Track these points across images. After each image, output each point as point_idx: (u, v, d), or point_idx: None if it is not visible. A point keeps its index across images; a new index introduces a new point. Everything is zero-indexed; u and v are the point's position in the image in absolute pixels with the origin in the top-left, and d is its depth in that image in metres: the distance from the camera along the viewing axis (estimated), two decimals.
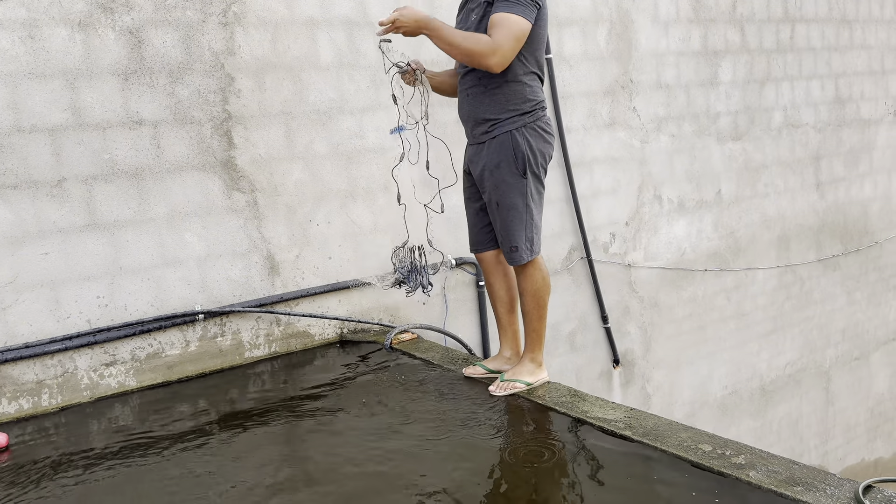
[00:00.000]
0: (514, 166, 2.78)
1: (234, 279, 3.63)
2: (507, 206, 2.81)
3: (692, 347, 5.60)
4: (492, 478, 2.31)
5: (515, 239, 2.83)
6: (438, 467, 2.39)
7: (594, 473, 2.29)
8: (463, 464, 2.40)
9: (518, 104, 2.78)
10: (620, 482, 2.21)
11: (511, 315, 3.13)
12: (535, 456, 2.42)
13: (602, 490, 2.19)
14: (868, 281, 6.99)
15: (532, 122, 2.81)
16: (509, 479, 2.31)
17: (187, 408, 3.14)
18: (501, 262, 3.05)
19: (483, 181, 2.88)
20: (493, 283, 3.11)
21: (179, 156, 3.46)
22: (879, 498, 1.95)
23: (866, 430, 7.11)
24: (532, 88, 2.81)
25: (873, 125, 6.82)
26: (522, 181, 2.80)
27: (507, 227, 2.83)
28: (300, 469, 2.45)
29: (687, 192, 5.49)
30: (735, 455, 2.22)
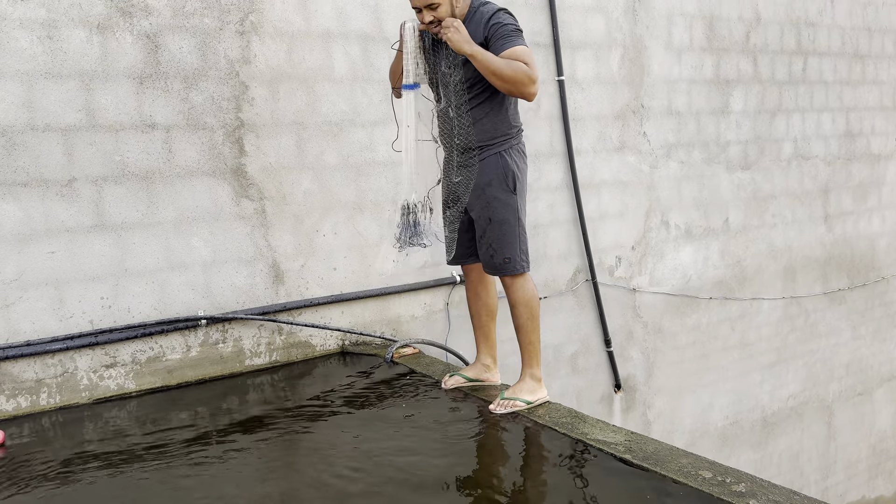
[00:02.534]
0: (504, 184, 2.88)
1: (238, 286, 3.63)
2: (500, 221, 2.89)
3: (694, 375, 5.56)
4: (488, 500, 2.28)
5: (510, 251, 2.90)
6: (433, 485, 2.36)
7: (593, 497, 2.26)
8: (458, 482, 2.38)
9: (506, 130, 2.90)
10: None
11: (492, 323, 3.23)
12: (532, 476, 2.40)
13: None
14: (874, 316, 6.94)
15: (516, 143, 2.94)
16: (507, 499, 2.28)
17: (184, 415, 3.12)
18: (484, 274, 3.11)
19: (472, 200, 2.94)
20: (479, 291, 3.19)
21: (190, 161, 3.48)
22: None
23: (868, 467, 7.03)
24: (517, 115, 2.95)
25: (883, 160, 6.82)
26: (513, 197, 2.90)
27: (502, 241, 2.89)
28: (287, 484, 2.43)
29: (694, 219, 5.48)
30: (735, 483, 2.19)
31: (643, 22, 5.04)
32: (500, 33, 2.68)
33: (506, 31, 2.68)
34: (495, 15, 2.71)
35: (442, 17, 2.71)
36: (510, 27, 2.69)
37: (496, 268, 2.95)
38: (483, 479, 2.41)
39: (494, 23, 2.70)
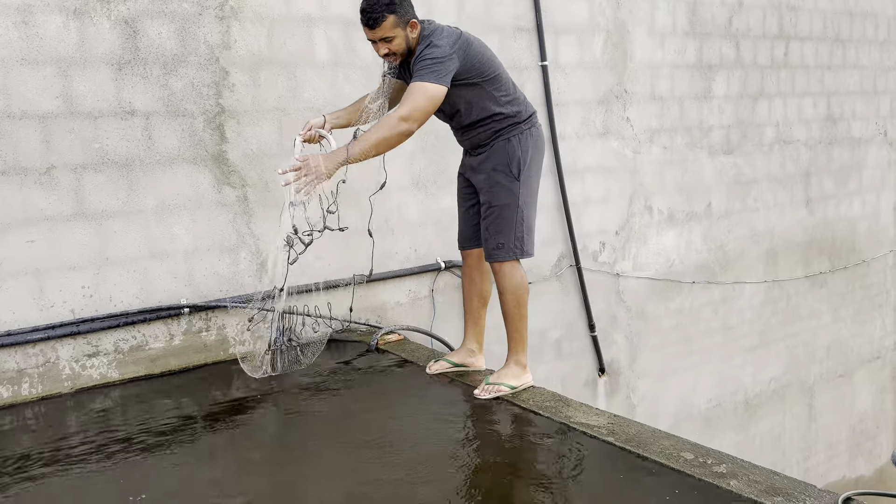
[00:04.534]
0: (508, 169, 2.94)
1: (221, 274, 3.61)
2: (500, 206, 2.94)
3: (678, 359, 5.61)
4: (472, 482, 2.30)
5: (503, 237, 2.93)
6: (419, 466, 2.37)
7: (575, 477, 2.28)
8: (443, 465, 2.39)
9: (508, 122, 2.95)
10: (600, 487, 2.20)
11: (483, 309, 3.27)
12: (516, 458, 2.42)
13: (582, 493, 2.18)
14: (854, 299, 7.03)
15: (527, 128, 2.99)
16: (490, 483, 2.29)
17: (168, 403, 3.10)
18: (483, 259, 3.15)
19: (480, 183, 3.03)
20: (474, 277, 3.24)
21: (171, 148, 3.44)
22: None
23: (848, 448, 7.14)
24: (514, 109, 2.96)
25: (864, 144, 6.88)
26: (516, 184, 2.94)
27: (498, 225, 2.94)
28: (267, 471, 2.43)
29: (677, 204, 5.51)
30: (717, 464, 2.22)
31: (626, 6, 5.03)
32: (416, 67, 2.74)
33: (419, 66, 2.72)
34: (423, 50, 2.75)
35: (397, 50, 2.79)
36: (426, 61, 2.71)
37: (488, 253, 3.01)
38: (467, 460, 2.42)
39: (418, 57, 2.75)
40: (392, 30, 2.75)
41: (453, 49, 2.75)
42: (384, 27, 2.73)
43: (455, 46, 2.76)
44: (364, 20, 2.75)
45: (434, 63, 2.70)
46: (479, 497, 2.17)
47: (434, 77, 2.70)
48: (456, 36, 2.79)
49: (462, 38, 2.80)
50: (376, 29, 2.74)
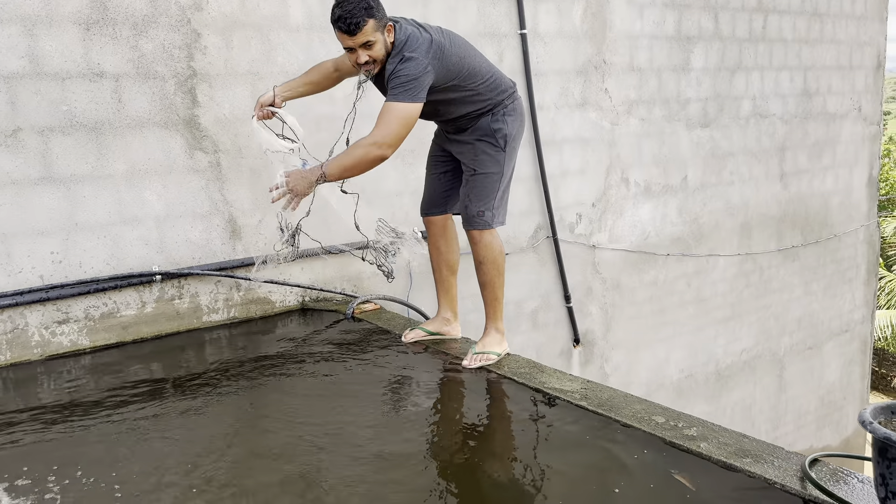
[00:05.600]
0: (494, 139, 2.94)
1: (193, 241, 3.56)
2: (485, 173, 2.94)
3: (651, 330, 5.67)
4: (446, 443, 2.31)
5: (485, 204, 2.93)
6: (393, 435, 2.38)
7: (547, 438, 2.30)
8: (419, 428, 2.39)
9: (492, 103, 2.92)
10: (571, 447, 2.21)
11: (453, 277, 3.29)
12: (492, 421, 2.43)
13: (553, 453, 2.20)
14: (825, 273, 7.14)
15: (510, 103, 2.97)
16: (465, 444, 2.30)
17: (139, 370, 3.08)
18: (448, 227, 3.18)
19: (464, 152, 2.99)
20: (440, 246, 3.23)
21: (141, 111, 3.37)
22: (825, 471, 1.99)
23: (816, 418, 7.30)
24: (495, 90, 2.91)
25: (838, 119, 6.94)
26: (501, 153, 2.95)
27: (480, 192, 2.93)
28: (247, 438, 2.42)
29: (654, 177, 5.52)
30: (687, 427, 2.25)
31: None
32: (390, 84, 2.66)
33: (392, 83, 2.65)
34: (398, 65, 2.65)
35: (377, 57, 2.68)
36: (401, 78, 2.63)
37: (468, 219, 2.98)
38: (444, 424, 2.42)
39: (392, 73, 2.65)
40: (372, 34, 2.62)
41: (427, 60, 2.65)
42: (365, 32, 2.60)
43: (429, 57, 2.66)
44: (343, 27, 2.59)
45: (409, 80, 2.62)
46: (453, 457, 2.18)
47: (408, 96, 2.62)
48: (428, 44, 2.67)
49: (434, 46, 2.68)
50: (357, 35, 2.61)
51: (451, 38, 2.80)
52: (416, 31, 2.71)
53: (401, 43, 2.69)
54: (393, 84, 2.64)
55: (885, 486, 1.67)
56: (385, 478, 2.06)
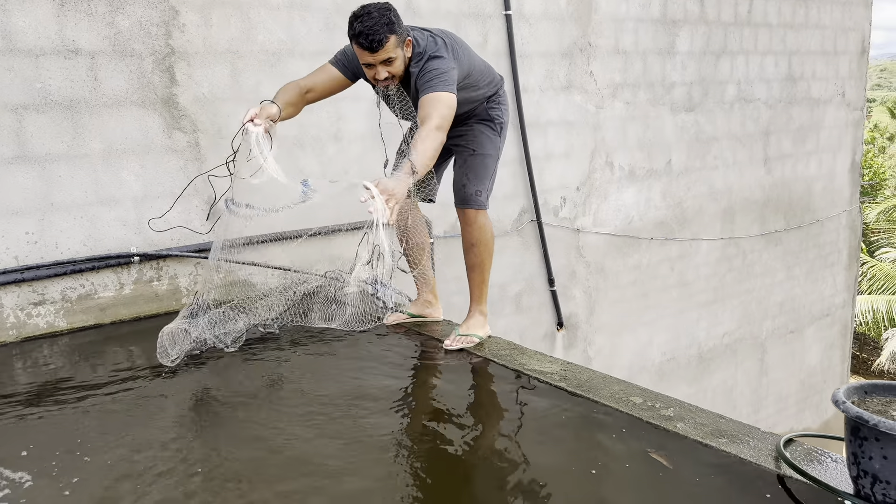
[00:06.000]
0: (493, 123, 3.02)
1: (172, 222, 3.51)
2: (483, 154, 2.98)
3: (634, 314, 5.69)
4: (418, 423, 2.30)
5: (482, 184, 2.97)
6: (381, 408, 2.37)
7: (522, 416, 2.30)
8: (396, 406, 2.39)
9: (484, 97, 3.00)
10: (550, 426, 2.21)
11: (426, 260, 3.28)
12: (471, 400, 2.43)
13: (530, 432, 2.20)
14: (807, 258, 7.18)
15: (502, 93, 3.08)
16: (440, 424, 2.30)
17: (118, 352, 3.04)
18: (413, 211, 3.17)
19: (461, 137, 3.00)
20: (409, 233, 3.19)
21: (118, 90, 3.31)
22: (800, 451, 2.00)
23: (796, 402, 7.38)
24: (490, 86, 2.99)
25: (822, 105, 6.95)
26: (497, 139, 3.04)
27: (479, 172, 2.96)
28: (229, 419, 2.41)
29: (638, 161, 5.52)
30: (665, 408, 2.25)
31: None
32: (422, 81, 2.66)
33: (426, 78, 2.65)
34: (426, 64, 2.66)
35: (397, 73, 2.66)
36: (432, 73, 2.64)
37: (466, 198, 2.98)
38: (420, 404, 2.42)
39: (422, 71, 2.66)
40: (394, 50, 2.60)
41: (450, 58, 2.70)
42: (387, 48, 2.57)
43: (450, 55, 2.71)
44: (365, 43, 2.54)
45: (441, 74, 2.64)
46: (426, 437, 2.17)
47: (445, 86, 2.64)
48: (445, 48, 2.71)
49: (450, 50, 2.73)
50: (378, 52, 2.57)
51: (455, 39, 2.84)
52: (432, 39, 2.72)
53: (422, 50, 2.70)
54: (427, 79, 2.64)
55: (857, 465, 1.68)
56: (359, 459, 2.05)
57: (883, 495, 1.62)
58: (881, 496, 1.63)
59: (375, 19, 2.53)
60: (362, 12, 2.56)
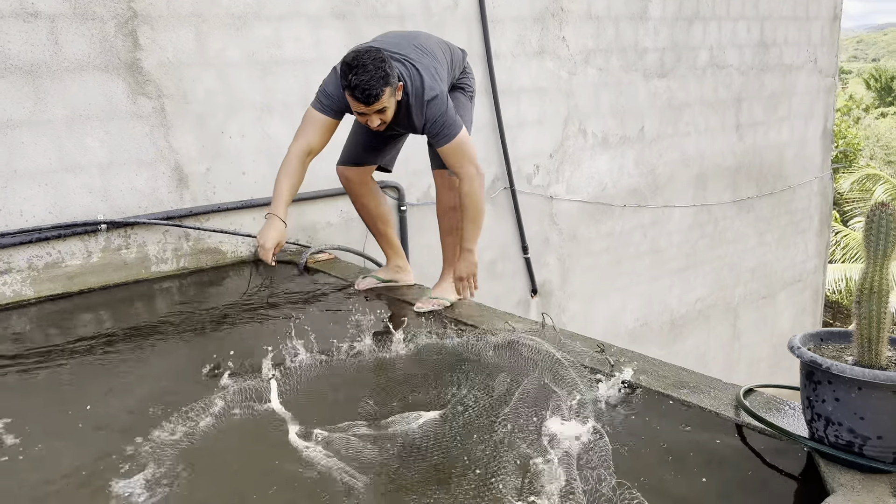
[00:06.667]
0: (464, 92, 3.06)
1: (139, 189, 3.48)
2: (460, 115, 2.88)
3: (608, 280, 5.74)
4: (395, 380, 2.31)
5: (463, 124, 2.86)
6: (334, 375, 2.38)
7: (488, 374, 2.32)
8: (363, 366, 2.40)
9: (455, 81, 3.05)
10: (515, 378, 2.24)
11: (389, 229, 3.30)
12: (440, 361, 2.44)
13: (494, 381, 2.22)
14: (779, 224, 7.27)
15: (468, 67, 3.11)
16: (407, 380, 2.31)
17: (87, 319, 3.02)
18: (368, 182, 3.14)
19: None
20: (366, 202, 3.20)
21: (79, 54, 3.25)
22: (759, 399, 2.05)
23: (768, 366, 7.51)
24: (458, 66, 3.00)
25: (794, 71, 6.99)
26: (470, 105, 3.07)
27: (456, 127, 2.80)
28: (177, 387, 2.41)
29: (611, 128, 5.53)
30: (628, 362, 2.29)
31: None
32: (433, 131, 2.73)
33: (435, 128, 2.71)
34: (428, 111, 2.69)
35: (389, 119, 2.68)
36: (439, 121, 2.69)
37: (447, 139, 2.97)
38: (388, 363, 2.43)
39: (428, 121, 2.71)
40: (388, 101, 2.60)
41: (442, 87, 2.72)
42: (381, 101, 2.56)
43: (439, 83, 2.72)
44: (361, 97, 2.53)
45: (446, 116, 2.70)
46: (395, 390, 2.19)
47: (456, 127, 2.72)
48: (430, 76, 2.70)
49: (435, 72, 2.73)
50: (374, 104, 2.56)
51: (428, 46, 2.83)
52: (417, 75, 2.70)
53: (414, 93, 2.69)
54: (437, 130, 2.71)
55: (811, 409, 1.72)
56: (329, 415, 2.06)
57: (835, 437, 1.66)
58: (833, 438, 1.67)
59: (371, 73, 2.50)
60: (356, 63, 2.51)
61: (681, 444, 1.83)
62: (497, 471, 1.71)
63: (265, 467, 1.79)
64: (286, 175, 2.82)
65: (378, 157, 3.12)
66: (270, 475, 1.75)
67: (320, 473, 1.74)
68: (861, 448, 1.62)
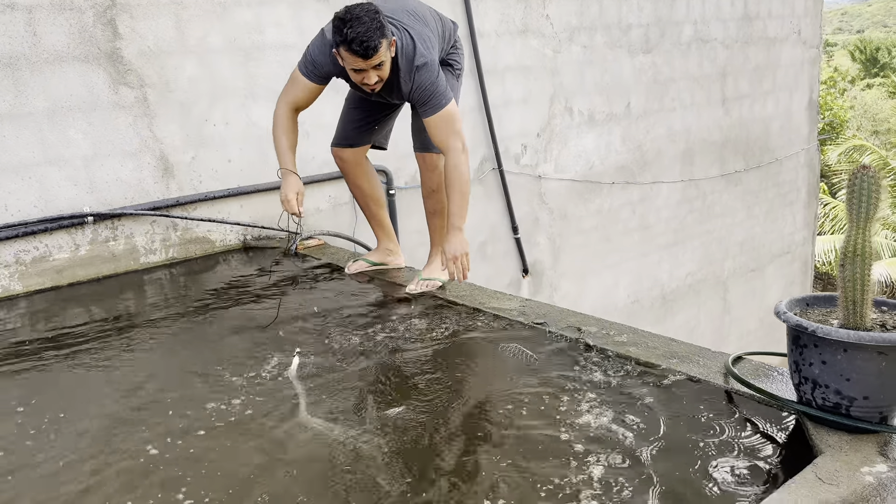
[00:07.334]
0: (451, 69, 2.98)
1: (124, 180, 3.46)
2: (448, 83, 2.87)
3: (598, 258, 5.76)
4: (379, 359, 2.32)
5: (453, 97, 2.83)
6: (321, 358, 2.38)
7: (481, 350, 2.33)
8: (365, 342, 2.41)
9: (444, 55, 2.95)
10: (508, 353, 2.25)
11: (382, 210, 3.28)
12: (429, 338, 2.45)
13: (489, 357, 2.24)
14: (767, 197, 7.31)
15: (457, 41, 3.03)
16: (400, 357, 2.32)
17: (77, 312, 3.01)
18: (363, 162, 3.13)
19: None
20: (360, 183, 3.19)
21: (59, 45, 3.21)
22: (748, 367, 2.07)
23: (758, 338, 7.57)
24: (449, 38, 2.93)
25: (778, 43, 7.00)
26: (457, 83, 3.00)
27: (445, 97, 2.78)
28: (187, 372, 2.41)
29: (597, 105, 5.53)
30: (618, 335, 2.31)
31: None
32: (421, 99, 2.67)
33: (424, 96, 2.65)
34: (417, 76, 2.63)
35: (385, 76, 2.60)
36: (428, 89, 2.64)
37: (426, 143, 2.95)
38: (382, 343, 2.44)
39: (416, 87, 2.65)
40: (384, 54, 2.50)
41: (432, 54, 2.65)
42: (380, 54, 2.47)
43: (430, 49, 2.65)
44: (360, 50, 2.42)
45: (435, 85, 2.64)
46: (389, 370, 2.20)
47: (445, 98, 2.66)
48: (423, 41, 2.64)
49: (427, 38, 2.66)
50: (372, 58, 2.45)
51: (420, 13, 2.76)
52: (405, 35, 2.64)
53: (404, 55, 2.62)
54: (425, 98, 2.65)
55: (798, 373, 1.74)
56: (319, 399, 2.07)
57: (822, 399, 1.69)
58: (821, 400, 1.69)
59: (367, 24, 2.41)
60: (350, 16, 2.42)
61: (670, 412, 1.85)
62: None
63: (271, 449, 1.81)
64: (283, 132, 2.87)
65: (371, 135, 3.10)
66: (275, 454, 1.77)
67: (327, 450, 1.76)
68: (848, 409, 1.65)
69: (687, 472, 1.60)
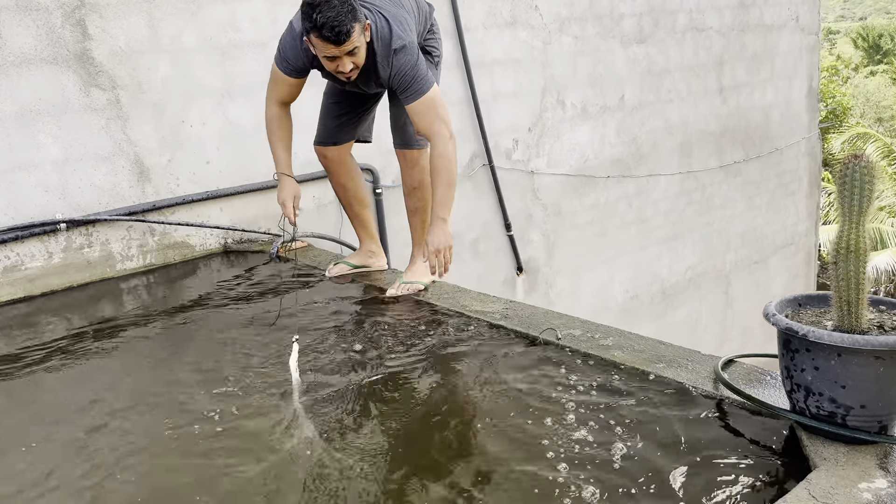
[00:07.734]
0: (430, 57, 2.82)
1: (98, 185, 3.35)
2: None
3: (594, 253, 5.64)
4: (364, 357, 2.22)
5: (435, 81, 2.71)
6: (322, 353, 2.28)
7: (462, 357, 2.22)
8: (346, 347, 2.30)
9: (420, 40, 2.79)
10: (485, 360, 2.14)
11: (365, 210, 3.18)
12: (410, 342, 2.34)
13: (468, 365, 2.13)
14: (768, 187, 7.16)
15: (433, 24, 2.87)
16: (379, 366, 2.21)
17: (49, 323, 2.91)
18: (346, 160, 3.02)
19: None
20: (344, 182, 3.08)
21: (25, 47, 3.11)
22: (739, 371, 1.95)
23: (762, 332, 7.42)
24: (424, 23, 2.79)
25: (776, 30, 6.85)
26: (435, 71, 2.85)
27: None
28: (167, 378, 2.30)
29: (590, 97, 5.40)
30: (604, 338, 2.19)
31: None
32: (402, 85, 2.54)
33: (405, 81, 2.53)
34: (395, 60, 2.50)
35: (361, 63, 2.46)
36: (409, 74, 2.51)
37: (407, 139, 2.87)
38: (363, 345, 2.33)
39: (395, 73, 2.52)
40: (358, 39, 2.36)
41: (410, 37, 2.52)
42: (353, 39, 2.33)
43: (408, 33, 2.52)
44: (331, 36, 2.28)
45: (416, 69, 2.51)
46: (366, 379, 2.09)
47: (427, 82, 2.53)
48: (399, 24, 2.51)
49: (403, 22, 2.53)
50: (345, 44, 2.32)
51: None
52: (380, 18, 2.50)
53: (380, 39, 2.49)
54: (406, 83, 2.52)
55: (790, 379, 1.62)
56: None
57: (816, 408, 1.57)
58: (815, 409, 1.57)
59: (337, 8, 2.26)
60: (319, 1, 2.27)
61: (652, 423, 1.74)
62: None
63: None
64: (276, 136, 2.83)
65: (353, 130, 2.99)
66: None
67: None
68: (844, 419, 1.53)
69: (669, 490, 1.48)
